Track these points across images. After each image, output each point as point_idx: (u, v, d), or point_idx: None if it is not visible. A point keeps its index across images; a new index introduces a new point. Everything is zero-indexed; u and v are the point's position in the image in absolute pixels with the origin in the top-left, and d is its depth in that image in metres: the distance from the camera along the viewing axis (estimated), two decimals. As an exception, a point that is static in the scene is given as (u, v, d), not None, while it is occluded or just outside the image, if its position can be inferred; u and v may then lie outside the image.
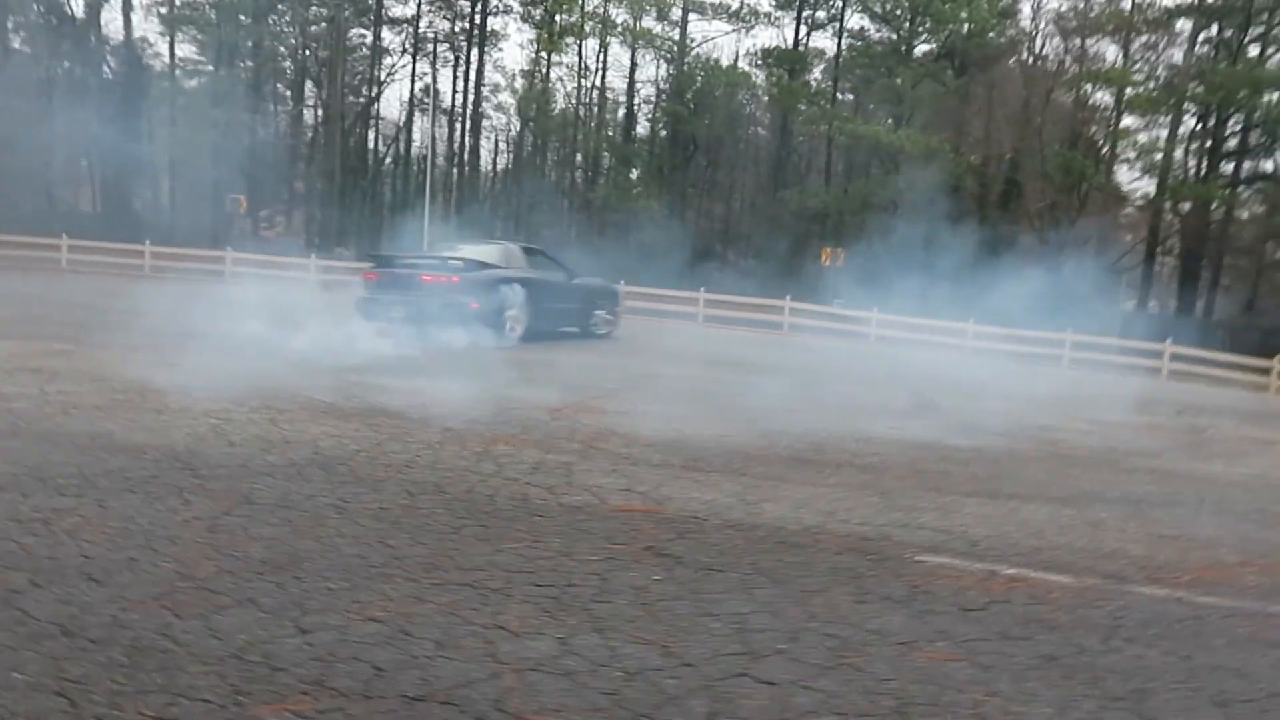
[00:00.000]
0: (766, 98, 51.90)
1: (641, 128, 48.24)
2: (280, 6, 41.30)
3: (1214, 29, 39.67)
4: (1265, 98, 37.83)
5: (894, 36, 42.89)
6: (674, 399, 7.50)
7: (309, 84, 45.22)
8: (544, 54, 43.95)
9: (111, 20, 41.46)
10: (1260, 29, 38.49)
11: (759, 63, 47.62)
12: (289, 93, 45.68)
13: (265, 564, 2.95)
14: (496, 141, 50.11)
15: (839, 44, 44.30)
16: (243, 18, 39.53)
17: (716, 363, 11.65)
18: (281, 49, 43.67)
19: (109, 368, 6.73)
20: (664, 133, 46.95)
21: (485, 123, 47.08)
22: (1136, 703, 2.41)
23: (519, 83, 46.15)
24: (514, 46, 64.34)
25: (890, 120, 41.29)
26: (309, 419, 5.31)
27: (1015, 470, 5.49)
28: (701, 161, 46.72)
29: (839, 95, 46.64)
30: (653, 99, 47.21)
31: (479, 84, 44.69)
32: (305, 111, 45.65)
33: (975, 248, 31.00)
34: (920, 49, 43.71)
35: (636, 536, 3.53)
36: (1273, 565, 3.76)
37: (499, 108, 48.04)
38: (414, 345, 9.61)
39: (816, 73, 48.80)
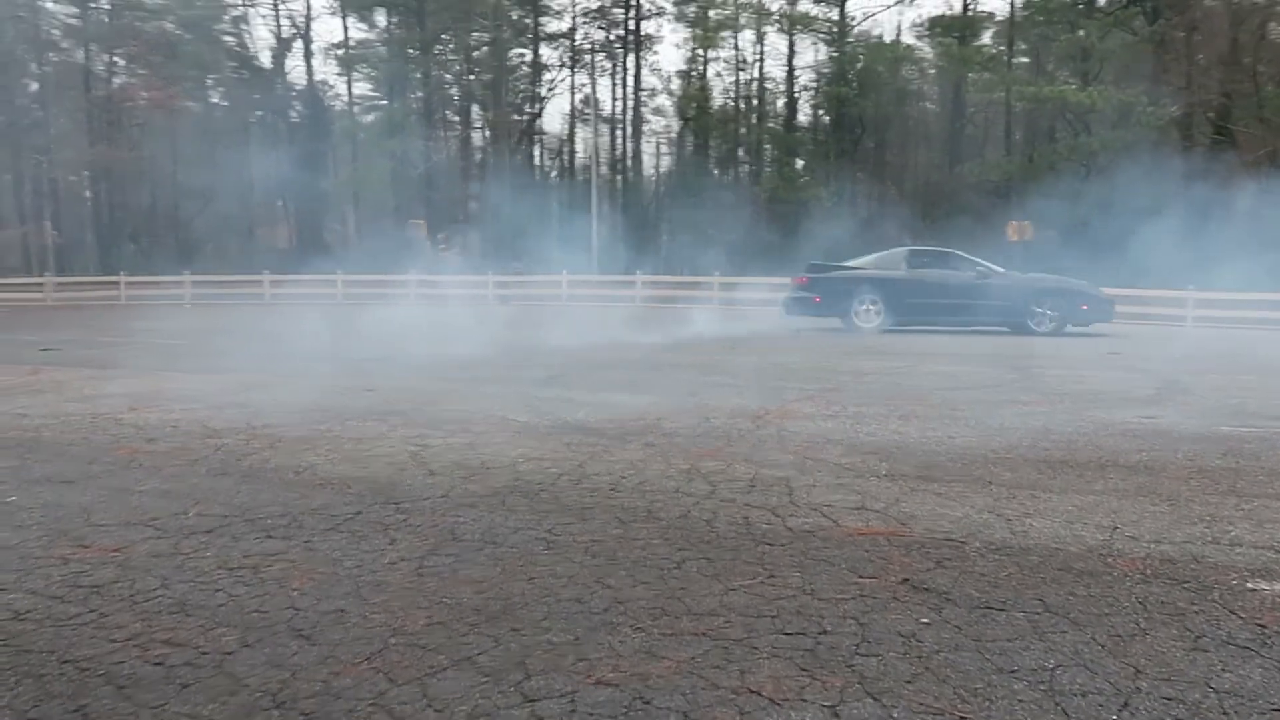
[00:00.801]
0: (934, 70, 49.58)
1: (804, 115, 47.10)
2: (444, 36, 42.92)
3: None
4: None
5: (1074, -11, 39.93)
6: (881, 396, 6.88)
7: (475, 107, 46.77)
8: (700, 51, 43.65)
9: (295, 66, 44.34)
10: None
11: (925, 34, 45.51)
12: (457, 118, 47.38)
13: (479, 613, 2.64)
14: (658, 145, 50.21)
15: (1012, 3, 41.63)
16: (411, 50, 41.31)
17: (920, 354, 10.85)
18: (448, 76, 45.35)
19: (306, 397, 6.81)
20: (827, 118, 45.62)
21: (645, 127, 47.25)
22: None
23: (675, 84, 46.06)
24: (669, 48, 64.32)
25: (1076, 79, 38.36)
26: (505, 441, 5.09)
27: (1319, 462, 4.59)
28: (870, 144, 45.06)
29: (1015, 58, 43.88)
30: (814, 84, 45.96)
31: (637, 89, 44.89)
32: (473, 134, 47.24)
33: (1186, 208, 28.27)
34: (1107, -1, 40.52)
35: (887, 567, 3.02)
36: None
37: (658, 111, 48.13)
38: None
39: (987, 37, 46.18)
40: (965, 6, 43.02)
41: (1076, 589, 2.81)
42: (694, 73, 44.45)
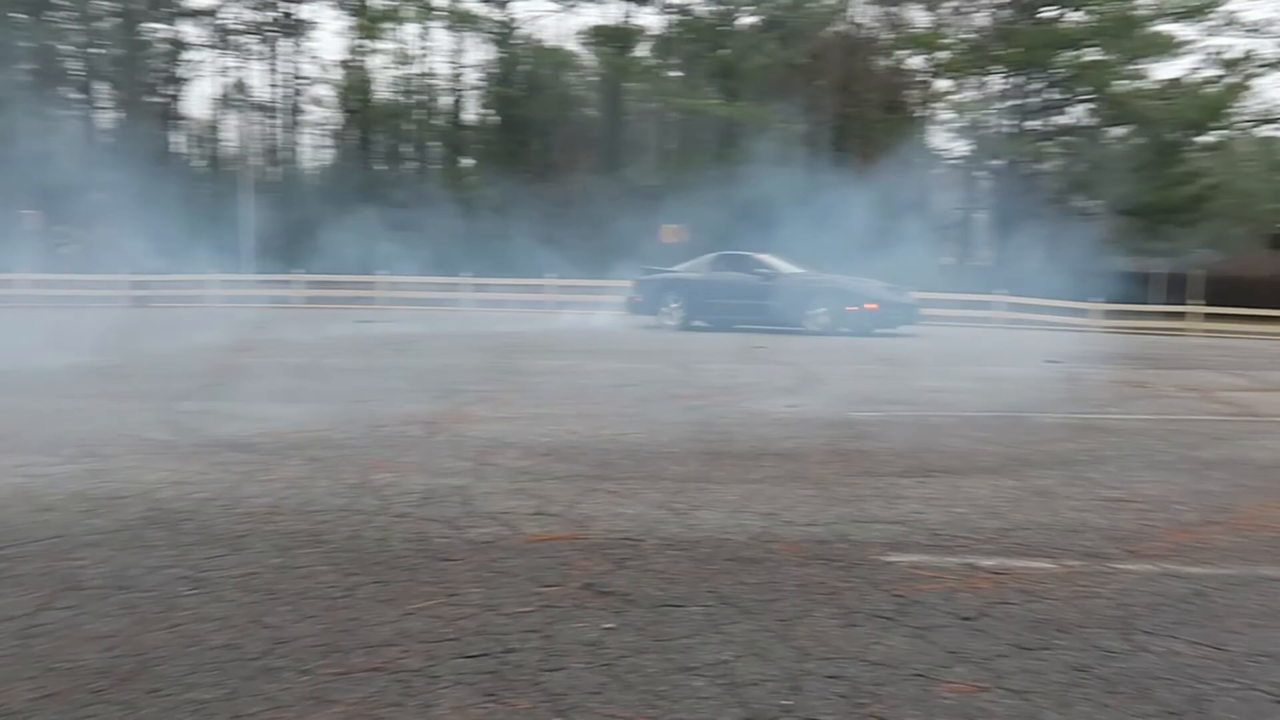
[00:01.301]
0: (596, 77, 51.52)
1: (472, 114, 46.87)
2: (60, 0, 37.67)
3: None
4: (1061, 55, 40.37)
5: (719, 10, 43.22)
6: (554, 396, 6.94)
7: (102, 85, 41.47)
8: (361, 41, 41.94)
9: None
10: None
11: (588, 41, 47.06)
12: (81, 96, 41.75)
13: (106, 676, 2.24)
14: (318, 137, 47.52)
15: (665, 19, 44.19)
16: (15, 15, 35.76)
17: (587, 351, 11.12)
18: (66, 47, 39.80)
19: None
20: (495, 118, 45.76)
21: (303, 117, 44.55)
22: (1200, 714, 2.08)
23: (336, 73, 43.87)
24: (329, 35, 61.13)
25: (722, 94, 41.61)
26: (140, 464, 4.46)
27: (931, 440, 5.24)
28: (537, 146, 45.82)
29: (669, 71, 46.71)
30: (481, 84, 45.88)
31: (294, 76, 42.19)
32: (100, 115, 41.89)
33: (816, 215, 31.70)
34: (746, 21, 44.31)
35: (568, 573, 2.99)
36: (1236, 521, 3.59)
37: (317, 101, 45.53)
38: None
39: (644, 49, 48.77)
40: (624, 19, 44.91)
41: (745, 578, 2.94)
42: (356, 63, 42.61)
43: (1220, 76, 40.10)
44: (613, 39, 45.67)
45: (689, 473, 4.35)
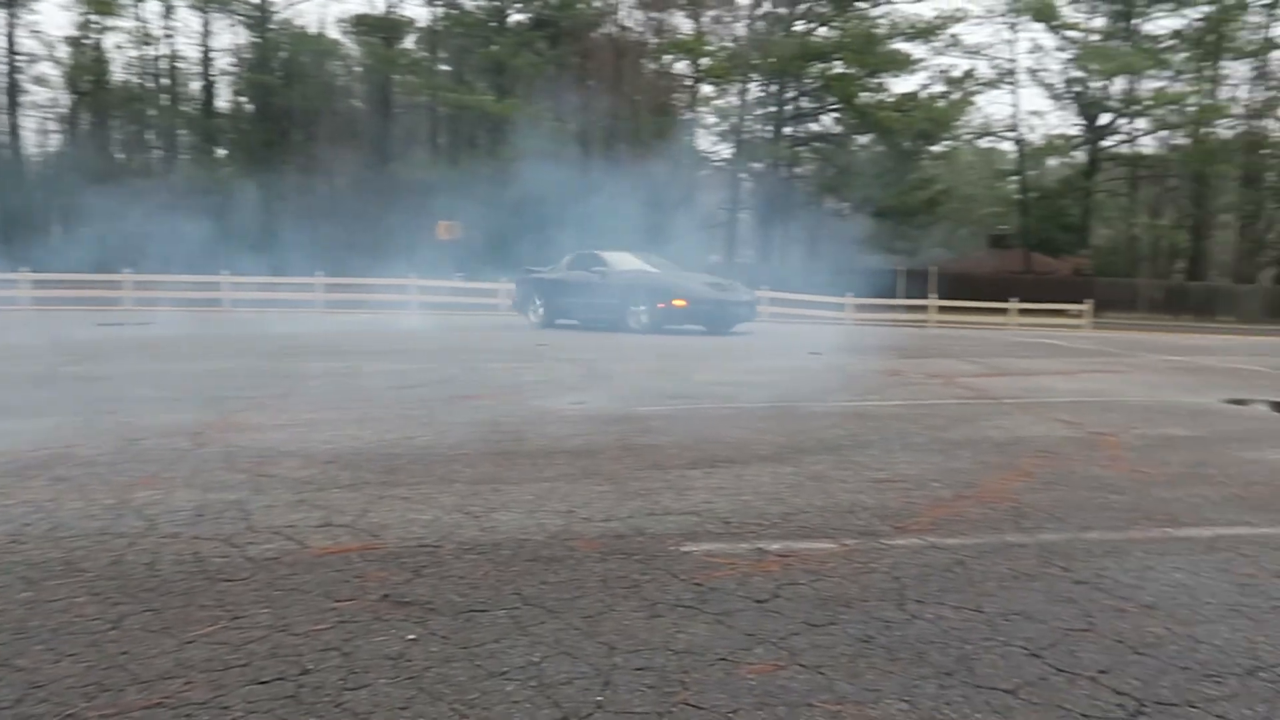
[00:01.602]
0: (361, 68, 49.58)
1: (225, 101, 43.83)
2: None
3: (767, 4, 44.15)
4: (813, 67, 43.19)
5: (489, 6, 42.82)
6: (332, 401, 6.63)
7: None
8: (93, 18, 38.12)
9: None
10: (806, 4, 43.67)
11: (351, 30, 45.21)
12: None
13: None
14: (41, 120, 42.75)
15: (431, 13, 43.28)
16: None
17: (367, 353, 10.70)
18: None
19: None
20: (250, 106, 43.01)
21: (24, 99, 39.91)
22: (968, 672, 2.29)
23: (63, 51, 39.66)
24: (54, 9, 54.95)
25: (493, 90, 41.24)
26: None
27: (713, 432, 5.46)
28: (299, 137, 43.52)
29: (438, 65, 45.73)
30: (235, 70, 42.97)
31: (11, 52, 37.71)
32: None
33: (588, 212, 32.14)
34: (515, 18, 44.13)
35: (364, 585, 2.87)
36: (982, 495, 3.99)
37: (40, 80, 40.94)
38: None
39: (411, 41, 47.46)
40: (388, 8, 43.56)
41: (547, 577, 2.94)
42: (87, 41, 38.68)
43: (947, 93, 44.42)
44: (378, 29, 44.19)
45: (482, 474, 4.29)
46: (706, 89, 48.56)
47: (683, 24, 46.77)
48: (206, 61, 41.70)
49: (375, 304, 23.05)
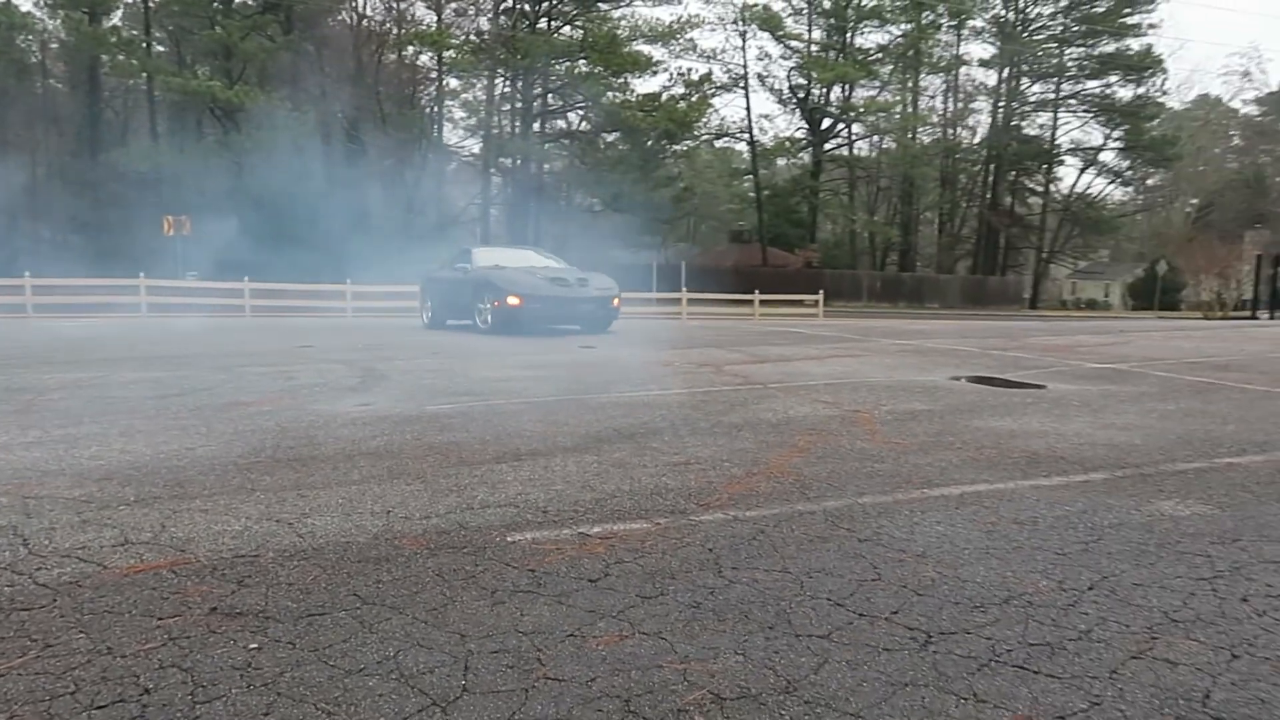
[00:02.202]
0: (56, 44, 44.68)
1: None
2: None
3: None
4: (559, 65, 43.80)
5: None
6: (87, 414, 6.07)
7: None
8: None
9: None
10: (548, 3, 44.15)
11: (48, 4, 40.56)
12: None
13: None
14: None
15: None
16: None
17: (110, 361, 9.77)
18: None
19: None
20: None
21: None
22: (787, 624, 2.60)
23: None
24: None
25: (221, 76, 38.46)
26: None
27: (510, 427, 5.56)
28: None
29: (155, 46, 41.99)
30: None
31: None
32: None
33: (332, 207, 30.91)
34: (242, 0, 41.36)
35: (186, 600, 2.76)
36: (768, 471, 4.39)
37: None
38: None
39: (119, 19, 43.31)
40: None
41: (381, 576, 2.97)
42: None
43: (687, 95, 46.56)
44: (80, 3, 40.04)
45: (282, 482, 4.16)
46: (453, 83, 47.97)
47: (425, 15, 45.93)
48: None
49: (99, 307, 20.91)
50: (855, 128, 54.85)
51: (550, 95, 45.83)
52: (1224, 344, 11.76)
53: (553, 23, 44.97)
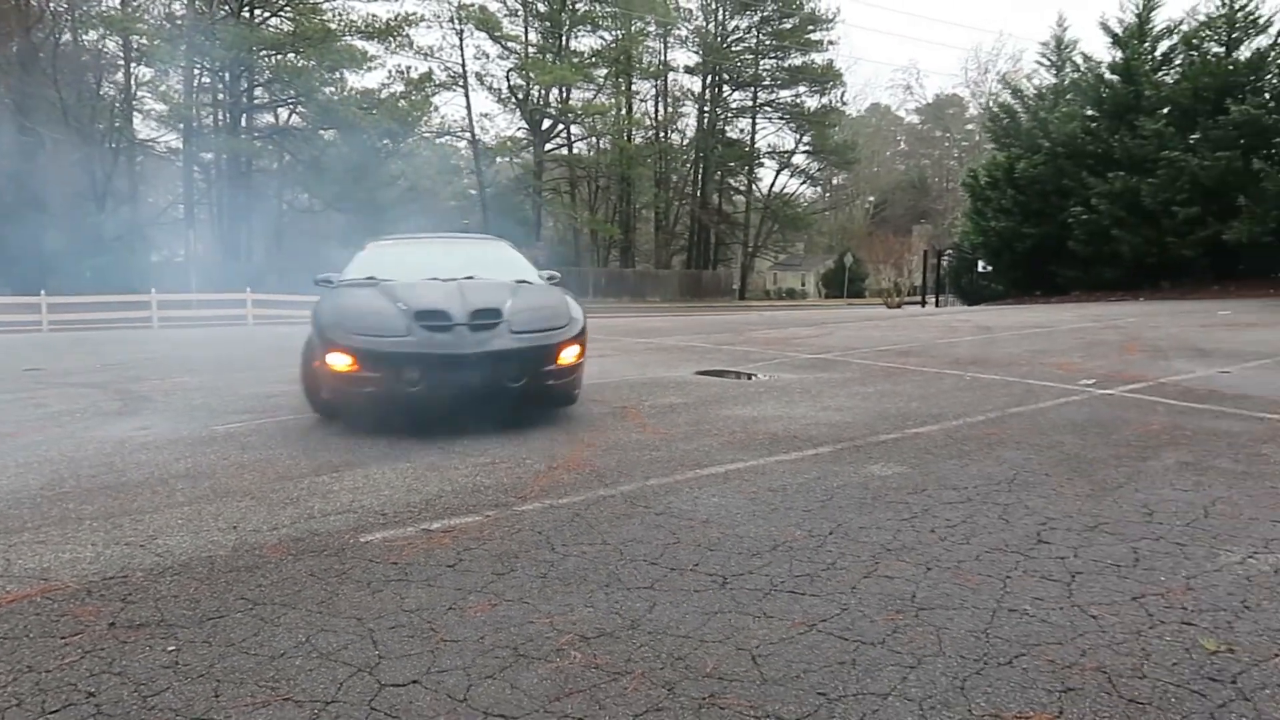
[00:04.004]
0: None
1: None
2: None
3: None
4: (270, 57, 41.73)
5: None
6: None
7: None
8: None
9: None
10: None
11: None
12: None
13: None
14: None
15: None
16: None
17: None
18: None
19: None
20: None
21: None
22: (619, 582, 3.32)
23: None
24: None
25: None
26: None
27: (310, 442, 5.84)
28: None
29: None
30: None
31: None
32: None
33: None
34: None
35: (80, 620, 3.03)
36: (568, 464, 5.08)
37: None
38: None
39: None
40: None
41: (259, 581, 3.36)
42: None
43: (408, 92, 45.96)
44: None
45: (108, 509, 4.30)
46: (144, 71, 44.14)
47: (109, -2, 41.90)
48: None
49: None
50: (574, 129, 56.66)
51: (258, 89, 43.51)
52: (904, 332, 13.91)
53: (256, 11, 42.68)
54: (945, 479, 4.71)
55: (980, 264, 31.76)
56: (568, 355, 6.29)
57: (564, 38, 54.29)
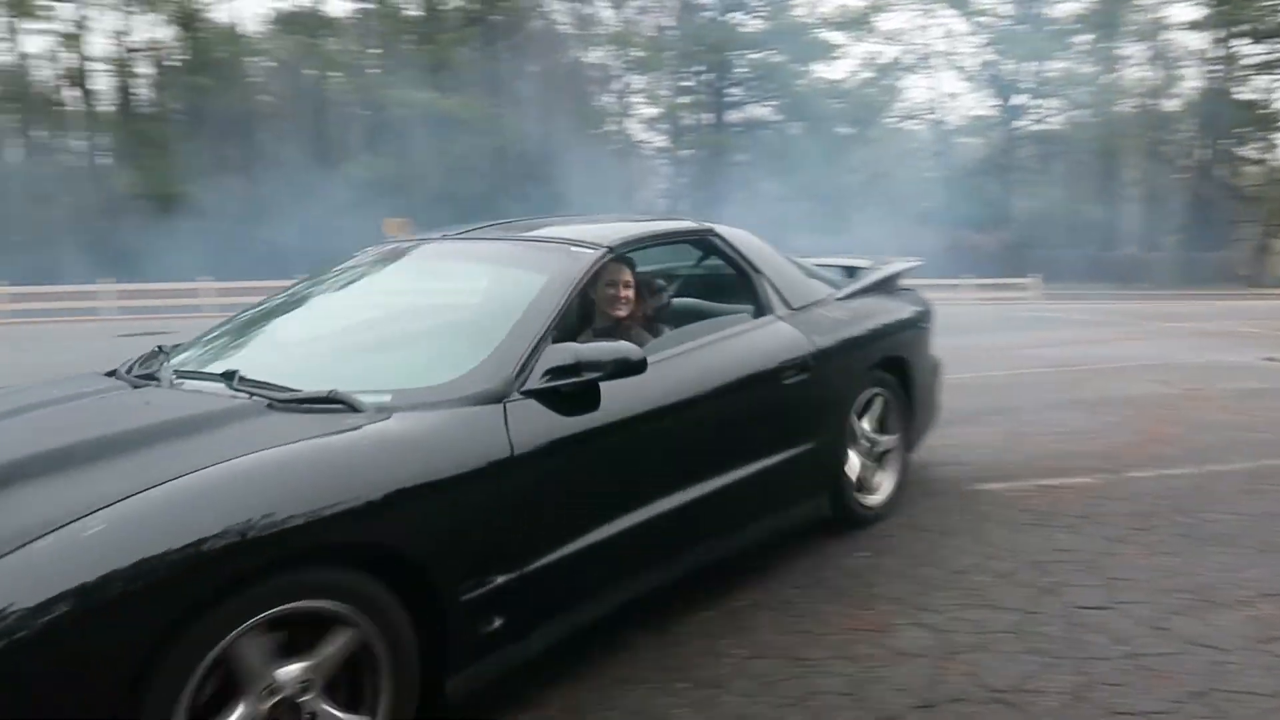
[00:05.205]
0: (279, 65, 48.82)
1: (143, 101, 42.89)
2: None
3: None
4: (744, 56, 44.47)
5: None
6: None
7: None
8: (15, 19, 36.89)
9: None
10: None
11: (274, 27, 44.73)
12: None
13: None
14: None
15: (353, 7, 42.97)
16: None
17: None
18: None
19: None
20: (177, 107, 42.10)
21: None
22: (1274, 549, 3.27)
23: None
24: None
25: (431, 88, 41.26)
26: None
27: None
28: (236, 139, 42.86)
29: (365, 63, 45.47)
30: (161, 70, 42.09)
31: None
32: None
33: (535, 204, 32.77)
34: (446, 12, 44.20)
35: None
36: (1159, 438, 5.01)
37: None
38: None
39: (336, 38, 47.05)
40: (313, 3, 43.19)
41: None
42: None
43: (875, 79, 46.19)
44: (302, 26, 43.81)
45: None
46: (637, 79, 49.25)
47: (607, 14, 47.38)
48: (126, 62, 40.68)
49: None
50: (1051, 102, 52.72)
51: (736, 86, 46.50)
52: None
53: (734, 15, 45.55)
54: None
55: None
56: None
57: (1040, 6, 50.62)
